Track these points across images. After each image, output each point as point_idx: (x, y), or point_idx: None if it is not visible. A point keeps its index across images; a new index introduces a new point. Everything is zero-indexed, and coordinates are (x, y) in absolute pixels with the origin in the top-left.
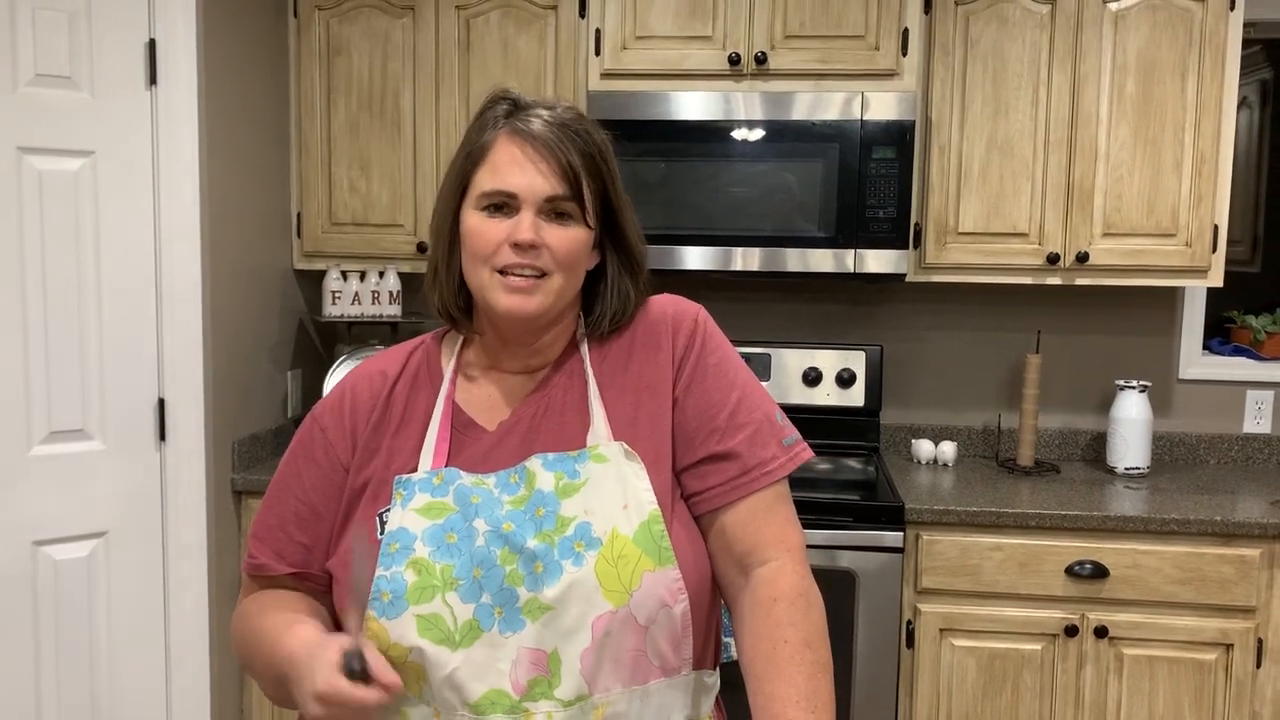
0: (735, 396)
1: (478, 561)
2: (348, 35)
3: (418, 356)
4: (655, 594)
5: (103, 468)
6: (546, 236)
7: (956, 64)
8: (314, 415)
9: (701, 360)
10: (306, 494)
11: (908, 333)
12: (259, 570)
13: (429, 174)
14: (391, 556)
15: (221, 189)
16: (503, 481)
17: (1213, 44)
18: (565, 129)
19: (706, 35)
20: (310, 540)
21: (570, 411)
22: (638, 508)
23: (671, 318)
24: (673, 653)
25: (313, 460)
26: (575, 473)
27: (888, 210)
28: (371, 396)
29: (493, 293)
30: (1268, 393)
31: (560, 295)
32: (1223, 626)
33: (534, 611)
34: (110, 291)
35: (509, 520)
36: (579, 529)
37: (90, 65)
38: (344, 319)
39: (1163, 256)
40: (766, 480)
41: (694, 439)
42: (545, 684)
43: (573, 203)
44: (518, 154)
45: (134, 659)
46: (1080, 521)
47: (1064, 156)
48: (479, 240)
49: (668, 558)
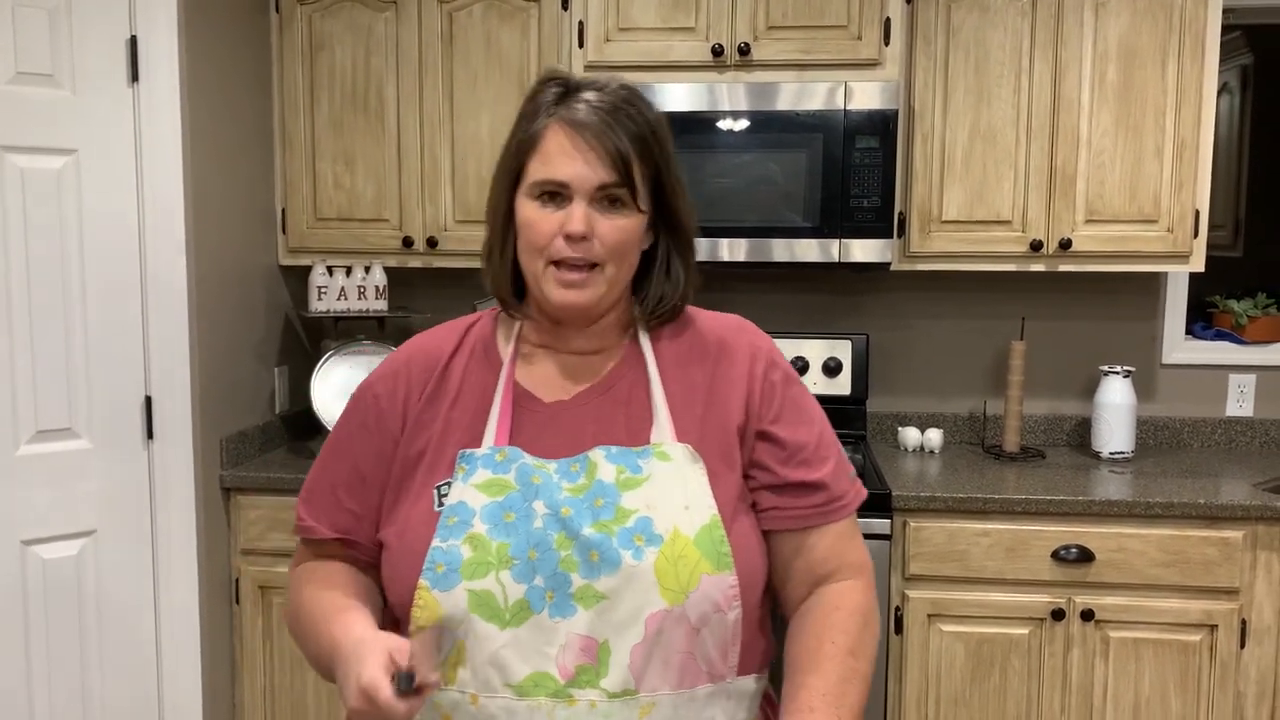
0: (818, 430)
1: (534, 543)
2: (330, 30)
3: (475, 333)
4: (711, 598)
5: (90, 466)
6: (598, 227)
7: (939, 52)
8: (368, 384)
9: (786, 392)
10: (356, 461)
11: (893, 321)
12: (306, 533)
13: (413, 168)
14: (449, 529)
15: (205, 186)
16: (564, 469)
17: (1193, 30)
18: (616, 112)
19: (689, 27)
20: (358, 507)
21: (634, 406)
22: (699, 510)
23: (749, 342)
24: (721, 659)
25: (364, 428)
26: (638, 468)
27: (872, 199)
28: (427, 369)
29: (547, 285)
30: (1250, 376)
31: (613, 284)
32: (1207, 608)
33: (587, 599)
34: (95, 290)
35: (567, 505)
36: (639, 523)
37: (71, 63)
38: (330, 314)
39: (1145, 242)
40: (846, 512)
41: (782, 464)
42: (592, 673)
43: (624, 189)
44: (567, 143)
45: (125, 658)
46: (1066, 506)
47: (1046, 144)
48: (533, 232)
49: (726, 563)
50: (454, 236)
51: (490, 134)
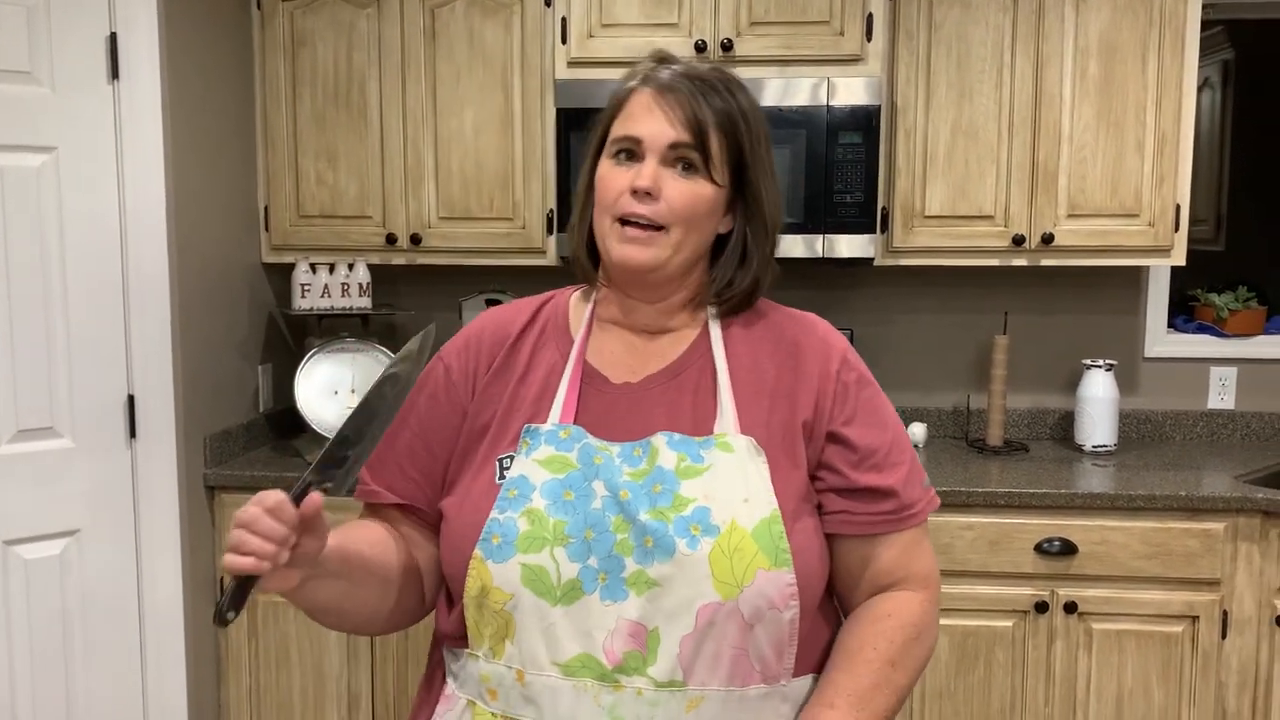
0: (891, 435)
1: (591, 523)
2: (312, 26)
3: (548, 310)
4: (766, 594)
5: (73, 465)
6: (666, 188)
7: (920, 48)
8: (440, 354)
9: (860, 394)
10: (424, 429)
11: (877, 316)
12: (368, 497)
13: (396, 165)
14: (508, 502)
15: (187, 183)
16: (626, 452)
17: (1173, 25)
18: (704, 84)
19: (672, 23)
20: (421, 475)
21: (701, 394)
22: (759, 504)
23: (822, 340)
24: (776, 659)
25: (434, 398)
26: (699, 457)
27: (855, 195)
28: (497, 342)
29: (610, 240)
30: (1231, 369)
31: (677, 249)
32: (1189, 600)
33: (639, 585)
34: (77, 288)
35: (626, 488)
36: (697, 512)
37: (50, 60)
38: (314, 312)
39: (1126, 236)
40: (916, 521)
41: (852, 468)
42: (640, 660)
43: (697, 153)
44: (649, 102)
45: (109, 657)
46: (1049, 499)
47: (1028, 139)
48: (603, 188)
49: (784, 560)
50: (438, 233)
51: (474, 130)
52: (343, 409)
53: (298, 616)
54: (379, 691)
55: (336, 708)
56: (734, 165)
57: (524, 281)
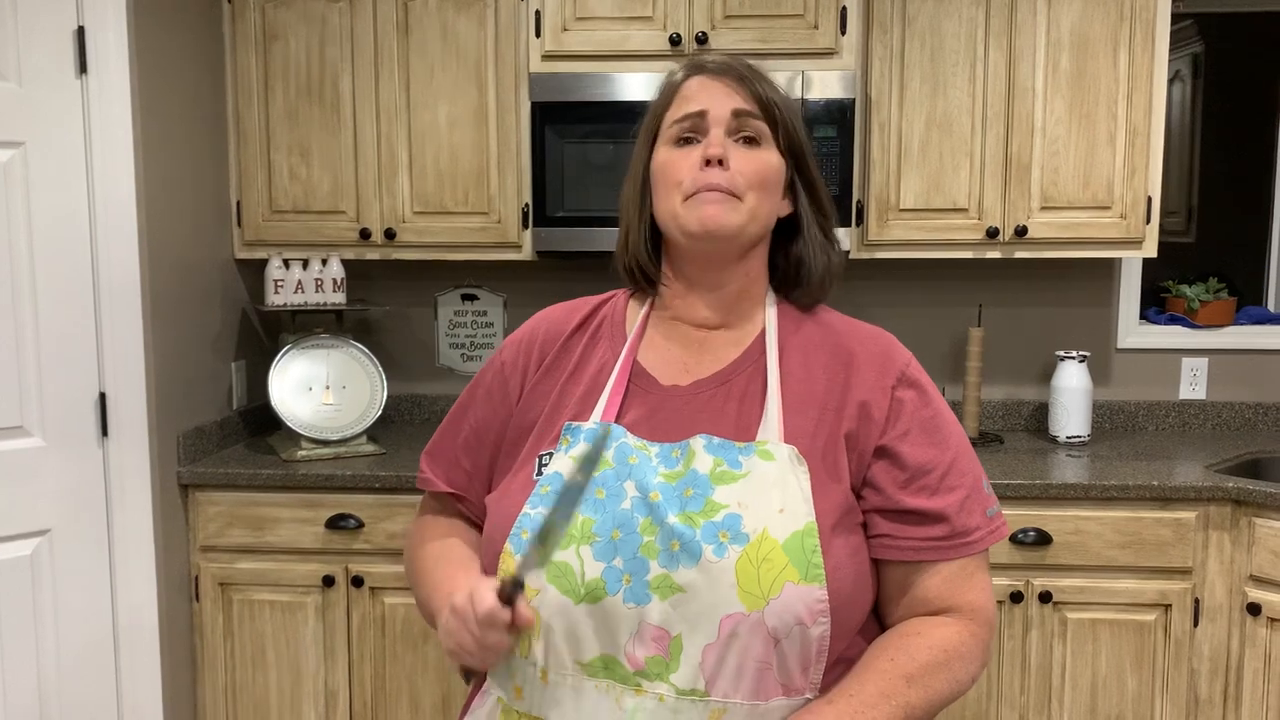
0: (950, 457)
1: (619, 523)
2: (284, 20)
3: (606, 309)
4: (793, 609)
5: (44, 464)
6: (735, 159)
7: (895, 42)
8: (500, 348)
9: (919, 411)
10: (478, 421)
11: (852, 309)
12: (424, 485)
13: (370, 159)
14: (541, 497)
15: (158, 178)
16: (665, 454)
17: (1143, 19)
18: (751, 69)
19: (647, 16)
20: (472, 467)
21: (748, 401)
22: (794, 516)
23: (881, 353)
24: (801, 675)
25: (489, 392)
26: (737, 463)
27: (830, 188)
28: (550, 340)
29: (685, 215)
30: (1202, 360)
31: (754, 217)
32: (1161, 588)
33: (664, 590)
34: (46, 285)
35: (657, 490)
36: (728, 519)
37: (17, 54)
38: (287, 308)
39: (1099, 229)
40: (968, 551)
41: (899, 488)
42: (662, 665)
43: (761, 122)
44: (708, 83)
45: (82, 658)
46: (1024, 490)
47: (1001, 132)
48: (670, 169)
49: (816, 575)
50: (412, 228)
51: (448, 124)
52: (318, 405)
53: (274, 614)
54: (356, 689)
55: (314, 706)
56: (790, 147)
57: (499, 276)
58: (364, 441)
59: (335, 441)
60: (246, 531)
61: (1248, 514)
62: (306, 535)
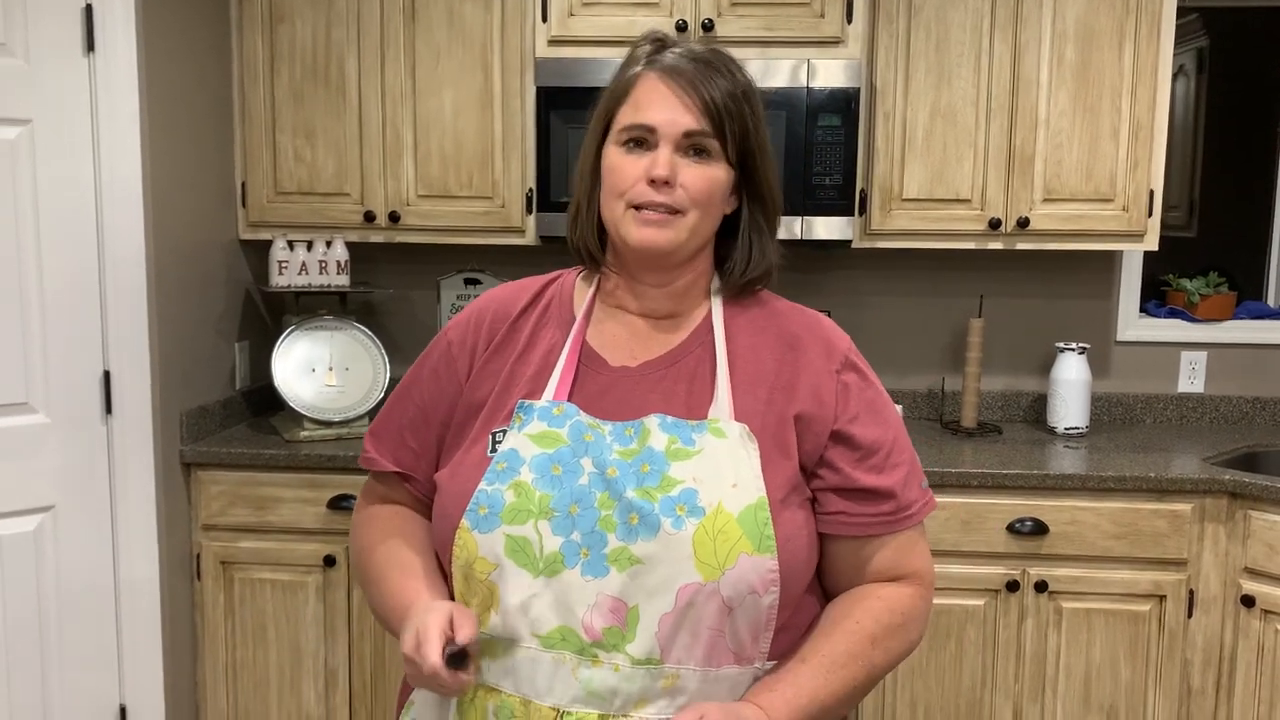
0: (892, 435)
1: (576, 498)
2: (290, 2)
3: (553, 289)
4: (747, 579)
5: (48, 441)
6: (682, 174)
7: (900, 31)
8: (445, 329)
9: (863, 393)
10: (424, 401)
11: (854, 298)
12: (369, 465)
13: (374, 142)
14: (497, 474)
15: (164, 158)
16: (618, 432)
17: (1149, 12)
18: (709, 66)
19: (653, 2)
20: (419, 446)
21: (698, 381)
22: (747, 490)
23: (824, 338)
24: (751, 643)
25: (434, 371)
26: (691, 440)
27: (834, 177)
28: (498, 319)
29: (625, 226)
30: (1201, 354)
31: (694, 233)
32: (1156, 579)
33: (621, 561)
34: (52, 263)
35: (614, 466)
36: (684, 493)
37: (25, 32)
38: (291, 289)
39: (1100, 221)
40: (912, 523)
41: (852, 466)
42: (619, 636)
43: (713, 139)
44: (661, 88)
45: (84, 634)
46: (1021, 480)
47: (1005, 123)
48: (616, 176)
49: (768, 546)
50: (416, 211)
51: (453, 108)
52: (320, 386)
53: (275, 593)
54: (356, 667)
55: (314, 684)
56: (740, 146)
57: (503, 260)
58: (366, 423)
59: (338, 423)
60: (248, 511)
61: (1243, 507)
62: (308, 515)
